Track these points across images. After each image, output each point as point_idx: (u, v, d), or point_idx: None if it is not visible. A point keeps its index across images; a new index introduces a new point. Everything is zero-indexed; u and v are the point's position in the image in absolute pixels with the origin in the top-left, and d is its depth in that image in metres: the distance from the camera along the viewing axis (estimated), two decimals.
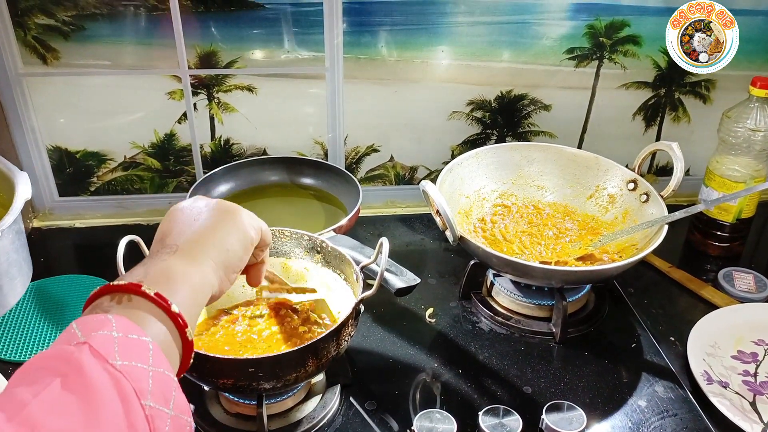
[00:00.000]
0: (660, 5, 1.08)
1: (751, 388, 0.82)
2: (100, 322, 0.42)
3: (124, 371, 0.40)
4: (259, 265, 0.66)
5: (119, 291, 0.46)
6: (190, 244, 0.53)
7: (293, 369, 0.67)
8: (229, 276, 0.55)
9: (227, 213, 0.57)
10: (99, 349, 0.40)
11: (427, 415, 0.73)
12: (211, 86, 1.09)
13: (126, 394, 0.39)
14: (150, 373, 0.41)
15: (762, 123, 0.99)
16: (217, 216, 0.56)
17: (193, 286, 0.50)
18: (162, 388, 0.42)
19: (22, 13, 0.99)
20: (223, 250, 0.54)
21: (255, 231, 0.59)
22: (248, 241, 0.58)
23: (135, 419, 0.39)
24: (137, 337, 0.43)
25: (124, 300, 0.46)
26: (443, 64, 1.11)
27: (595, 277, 0.89)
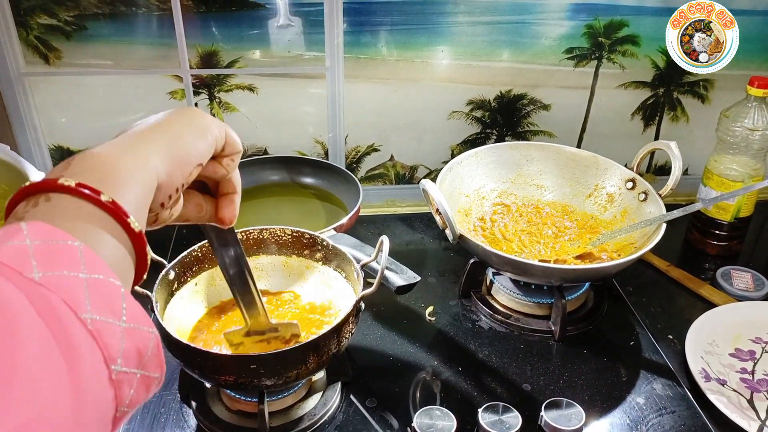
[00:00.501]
0: (658, 5, 1.09)
1: (749, 386, 0.83)
2: (10, 232, 0.33)
3: (48, 284, 0.31)
4: (231, 195, 0.54)
5: (35, 191, 0.36)
6: (133, 134, 0.43)
7: (294, 366, 0.67)
8: (181, 167, 0.44)
9: (184, 110, 0.48)
10: (9, 263, 0.31)
11: (427, 412, 0.74)
12: (213, 86, 1.09)
13: (53, 309, 0.31)
14: (85, 281, 0.32)
15: (760, 122, 0.99)
16: (172, 111, 0.47)
17: (130, 172, 0.39)
18: (105, 297, 0.33)
19: (24, 12, 0.99)
20: (174, 135, 0.44)
21: (218, 127, 0.48)
22: (209, 135, 0.47)
23: (72, 337, 0.31)
24: (61, 242, 0.33)
25: (41, 201, 0.36)
26: (443, 63, 1.12)
27: (594, 275, 0.90)
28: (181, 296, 0.79)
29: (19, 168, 0.82)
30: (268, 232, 0.84)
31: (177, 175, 0.44)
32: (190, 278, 0.81)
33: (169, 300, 0.77)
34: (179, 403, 0.79)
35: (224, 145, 0.49)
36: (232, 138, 0.50)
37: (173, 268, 0.78)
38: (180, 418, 0.77)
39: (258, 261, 0.85)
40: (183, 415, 0.78)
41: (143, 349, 0.34)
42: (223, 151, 0.50)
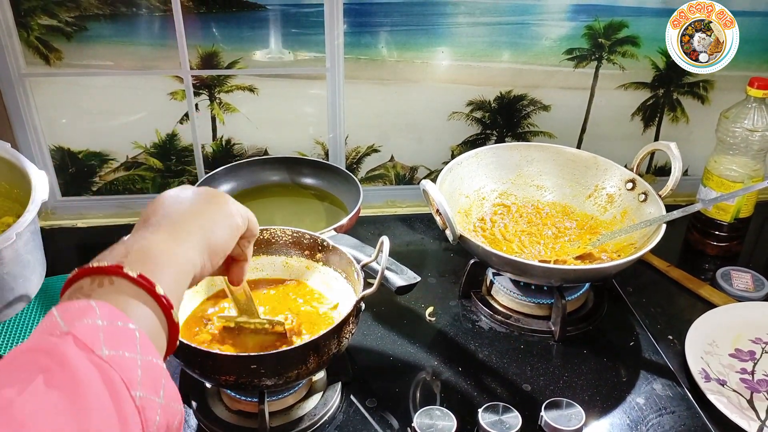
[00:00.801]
0: (658, 6, 1.09)
1: (749, 386, 0.83)
2: (83, 310, 0.40)
3: (111, 362, 0.38)
4: (242, 263, 0.63)
5: (100, 273, 0.44)
6: (174, 224, 0.51)
7: (295, 366, 0.67)
8: (212, 259, 0.53)
9: (214, 198, 0.56)
10: (84, 340, 0.38)
11: (427, 412, 0.74)
12: (213, 87, 1.10)
13: (115, 385, 0.37)
14: (138, 361, 0.40)
15: (759, 123, 0.99)
16: (203, 200, 0.55)
17: (176, 265, 0.48)
18: (151, 376, 0.40)
19: (25, 13, 1.00)
20: (207, 231, 0.52)
21: (242, 219, 0.57)
22: (234, 227, 0.56)
23: (125, 411, 0.37)
24: (123, 325, 0.41)
25: (106, 283, 0.43)
26: (443, 64, 1.12)
27: (594, 275, 0.90)
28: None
29: (19, 166, 0.82)
30: (269, 233, 0.84)
31: (208, 267, 0.53)
32: None
33: None
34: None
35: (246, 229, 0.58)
36: (252, 224, 0.59)
37: None
38: None
39: (258, 261, 0.85)
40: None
41: (171, 423, 0.41)
42: (243, 234, 0.58)
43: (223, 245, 0.54)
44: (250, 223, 0.59)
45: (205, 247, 0.52)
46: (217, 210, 0.55)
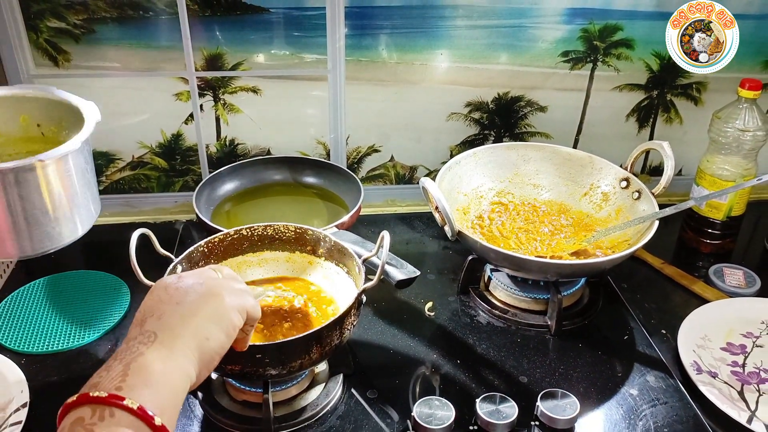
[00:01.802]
0: (652, 9, 1.11)
1: (740, 378, 0.85)
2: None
3: None
4: (245, 335, 0.63)
5: (100, 404, 0.45)
6: (169, 333, 0.51)
7: (298, 356, 0.70)
8: (208, 364, 0.54)
9: (210, 297, 0.56)
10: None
11: (426, 402, 0.76)
12: (217, 88, 1.12)
13: None
14: None
15: (750, 123, 1.02)
16: (199, 301, 0.55)
17: (172, 384, 0.49)
18: None
19: (34, 16, 1.02)
20: (203, 339, 0.53)
21: (239, 314, 0.57)
22: (230, 327, 0.56)
23: None
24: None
25: (107, 415, 0.44)
26: (442, 66, 1.14)
27: (589, 270, 0.92)
28: None
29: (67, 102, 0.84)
30: (272, 229, 0.87)
31: (204, 373, 0.54)
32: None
33: None
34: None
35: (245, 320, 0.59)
36: (252, 311, 0.60)
37: (180, 263, 0.80)
38: (186, 409, 0.80)
39: (262, 256, 0.87)
40: (189, 405, 0.80)
41: None
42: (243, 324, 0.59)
43: (217, 350, 0.55)
44: (249, 312, 0.59)
45: (200, 356, 0.53)
46: (211, 311, 0.55)
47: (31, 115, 0.85)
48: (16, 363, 0.84)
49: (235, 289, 0.59)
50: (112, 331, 0.92)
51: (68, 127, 0.85)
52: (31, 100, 0.85)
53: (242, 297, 0.59)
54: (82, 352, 0.89)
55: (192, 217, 1.17)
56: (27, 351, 0.88)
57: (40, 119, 0.85)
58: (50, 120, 0.85)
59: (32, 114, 0.85)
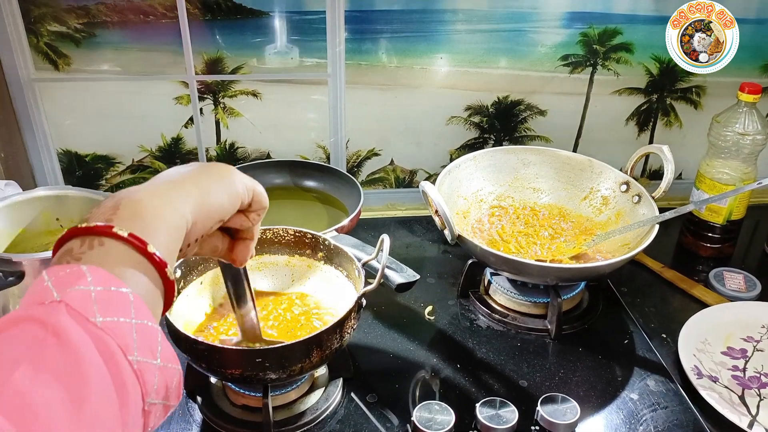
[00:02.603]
0: (651, 14, 1.12)
1: (740, 383, 0.85)
2: (75, 276, 0.38)
3: (106, 328, 0.37)
4: (248, 242, 0.58)
5: (89, 233, 0.41)
6: (168, 183, 0.48)
7: (298, 360, 0.69)
8: (206, 219, 0.49)
9: (218, 166, 0.53)
10: (77, 308, 0.37)
11: (426, 407, 0.76)
12: (217, 91, 1.12)
13: (111, 352, 0.37)
14: (134, 326, 0.38)
15: (750, 127, 1.02)
16: (206, 166, 0.52)
17: (167, 220, 0.45)
18: (147, 340, 0.39)
19: (35, 20, 1.02)
20: (203, 191, 0.49)
21: (245, 187, 0.53)
22: (234, 193, 0.51)
23: (124, 377, 0.37)
24: (116, 289, 0.39)
25: (96, 244, 0.41)
26: (442, 70, 1.15)
27: (589, 273, 0.92)
28: (186, 294, 0.82)
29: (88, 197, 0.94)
30: (272, 233, 0.87)
31: (200, 227, 0.48)
32: (196, 277, 0.83)
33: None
34: (185, 398, 0.81)
35: (251, 201, 0.54)
36: (260, 195, 0.55)
37: (179, 267, 0.80)
38: (186, 413, 0.79)
39: (262, 260, 0.87)
40: (189, 409, 0.80)
41: (169, 384, 0.40)
42: (249, 206, 0.54)
43: (218, 207, 0.50)
44: (256, 194, 0.54)
45: (199, 205, 0.48)
46: (218, 175, 0.51)
47: (51, 211, 0.95)
48: None
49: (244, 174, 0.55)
50: None
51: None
52: (51, 198, 0.95)
53: (251, 180, 0.55)
54: None
55: None
56: None
57: (59, 213, 0.96)
58: (68, 213, 0.96)
59: (52, 210, 0.96)
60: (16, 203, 0.93)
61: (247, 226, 0.56)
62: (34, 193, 0.95)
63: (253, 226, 0.57)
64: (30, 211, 0.94)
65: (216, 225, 0.51)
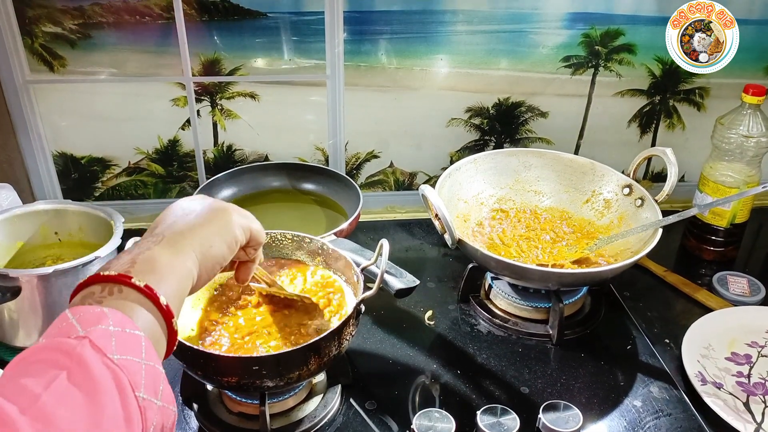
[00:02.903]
0: (653, 14, 1.10)
1: (745, 389, 0.84)
2: (97, 316, 0.44)
3: (121, 365, 0.42)
4: (249, 264, 0.67)
5: (109, 281, 0.48)
6: (176, 236, 0.55)
7: (296, 367, 0.68)
8: (209, 270, 0.57)
9: (218, 211, 0.59)
10: (98, 344, 0.42)
11: (426, 414, 0.74)
12: (215, 93, 1.11)
13: (123, 387, 0.41)
14: (143, 366, 0.43)
15: (754, 129, 1.01)
16: (207, 213, 0.59)
17: (177, 276, 0.52)
18: (153, 380, 0.44)
19: (30, 21, 1.01)
20: (206, 244, 0.56)
21: (242, 231, 0.60)
22: (233, 240, 0.59)
23: (131, 410, 0.41)
24: (131, 331, 0.45)
25: (116, 291, 0.47)
26: (442, 72, 1.13)
27: (591, 279, 0.91)
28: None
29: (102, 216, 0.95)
30: (270, 237, 0.85)
31: (204, 277, 0.56)
32: None
33: None
34: (181, 405, 0.80)
35: (248, 240, 0.62)
36: (256, 233, 0.63)
37: None
38: (182, 420, 0.78)
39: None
40: (185, 417, 0.79)
41: (165, 423, 0.45)
42: (247, 243, 0.63)
43: (218, 258, 0.57)
44: (253, 232, 0.62)
45: (202, 258, 0.55)
46: (217, 224, 0.58)
47: (50, 225, 0.96)
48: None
49: (242, 211, 0.63)
50: None
51: (86, 231, 0.97)
52: (50, 212, 0.96)
53: (248, 218, 0.63)
54: None
55: None
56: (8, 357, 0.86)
57: (58, 228, 0.97)
58: (67, 227, 0.97)
59: (51, 224, 0.96)
60: (15, 216, 0.93)
61: (245, 259, 0.66)
62: (33, 207, 0.95)
63: (250, 258, 0.66)
64: (29, 225, 0.95)
65: (218, 271, 0.58)
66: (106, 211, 0.94)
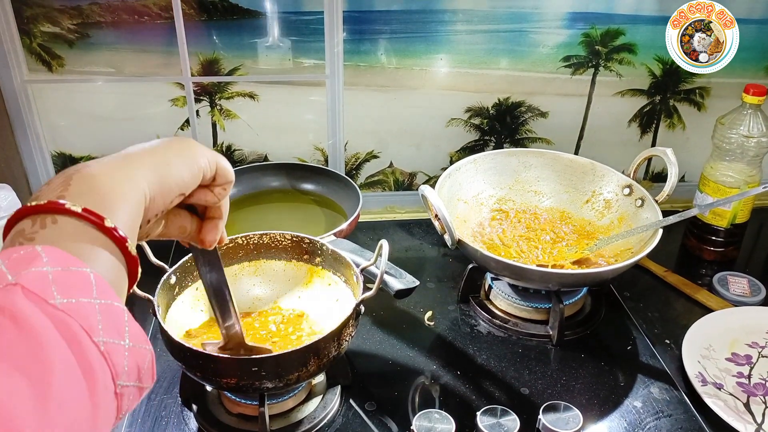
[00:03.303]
0: (654, 14, 1.10)
1: (745, 390, 0.84)
2: (29, 257, 0.36)
3: (66, 310, 0.35)
4: (216, 221, 0.55)
5: (40, 212, 0.39)
6: (123, 157, 0.45)
7: (295, 368, 0.68)
8: (164, 192, 0.45)
9: (177, 139, 0.49)
10: (34, 290, 0.34)
11: (426, 415, 0.74)
12: (214, 93, 1.11)
13: (74, 334, 0.34)
14: (96, 306, 0.36)
15: (755, 129, 1.00)
16: (164, 140, 0.48)
17: (123, 194, 0.42)
18: (112, 319, 0.37)
19: (28, 20, 1.01)
20: (161, 164, 0.45)
21: (207, 161, 0.49)
22: (195, 166, 0.48)
23: (90, 359, 0.35)
24: (75, 269, 0.36)
25: (48, 223, 0.38)
26: (442, 71, 1.13)
27: (591, 279, 0.91)
28: (182, 300, 0.80)
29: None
30: (269, 237, 0.85)
31: (159, 201, 0.45)
32: (191, 283, 0.82)
33: (170, 304, 0.78)
34: (180, 406, 0.80)
35: (215, 175, 0.50)
36: (224, 168, 0.51)
37: (174, 273, 0.78)
38: (181, 422, 0.78)
39: (258, 265, 0.86)
40: (184, 418, 0.78)
41: (141, 365, 0.38)
42: (213, 180, 0.51)
43: (178, 180, 0.46)
44: (220, 167, 0.51)
45: (157, 177, 0.45)
46: (178, 149, 0.48)
47: None
48: None
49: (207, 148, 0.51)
50: None
51: None
52: None
53: (215, 153, 0.51)
54: None
55: None
56: None
57: None
58: None
59: None
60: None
61: (213, 202, 0.52)
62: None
63: (219, 201, 0.53)
64: None
65: (177, 199, 0.47)
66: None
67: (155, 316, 0.71)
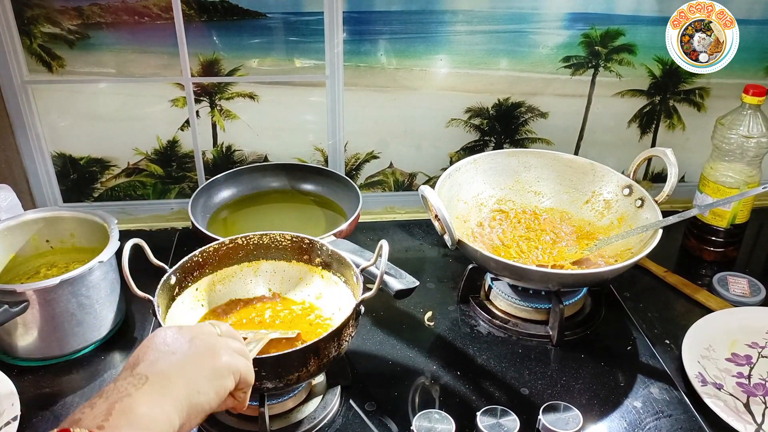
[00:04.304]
0: (654, 14, 1.10)
1: (745, 390, 0.84)
2: None
3: None
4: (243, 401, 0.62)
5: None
6: (160, 378, 0.51)
7: (295, 368, 0.68)
8: (192, 418, 0.52)
9: (207, 352, 0.56)
10: None
11: (426, 416, 0.74)
12: (214, 94, 1.11)
13: None
14: None
15: (754, 130, 1.00)
16: (196, 355, 0.55)
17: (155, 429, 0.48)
18: None
19: (28, 21, 1.01)
20: (193, 391, 0.52)
21: (232, 376, 0.56)
22: (222, 387, 0.55)
23: None
24: None
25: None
26: (442, 72, 1.13)
27: (591, 279, 0.91)
28: (182, 301, 0.80)
29: (98, 222, 0.93)
30: (269, 238, 0.85)
31: (187, 426, 0.52)
32: (191, 283, 0.82)
33: (170, 305, 0.78)
34: None
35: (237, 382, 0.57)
36: (245, 376, 0.58)
37: (174, 273, 0.78)
38: None
39: (259, 266, 0.86)
40: None
41: None
42: (236, 387, 0.58)
43: (205, 407, 0.53)
44: (243, 376, 0.58)
45: (186, 407, 0.51)
46: (207, 366, 0.54)
47: (40, 234, 0.95)
48: (8, 375, 0.82)
49: (231, 348, 0.59)
50: (106, 343, 0.90)
51: (79, 236, 0.96)
52: (41, 221, 0.95)
53: (237, 359, 0.58)
54: (75, 363, 0.87)
55: (188, 225, 1.16)
56: (18, 363, 0.86)
57: (49, 235, 0.96)
58: (59, 234, 0.96)
59: (42, 233, 0.95)
60: (6, 229, 0.92)
61: (236, 409, 0.60)
62: (24, 217, 0.94)
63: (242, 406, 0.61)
64: (20, 236, 0.94)
65: (202, 421, 0.54)
66: (99, 215, 0.93)
67: (155, 317, 0.72)
